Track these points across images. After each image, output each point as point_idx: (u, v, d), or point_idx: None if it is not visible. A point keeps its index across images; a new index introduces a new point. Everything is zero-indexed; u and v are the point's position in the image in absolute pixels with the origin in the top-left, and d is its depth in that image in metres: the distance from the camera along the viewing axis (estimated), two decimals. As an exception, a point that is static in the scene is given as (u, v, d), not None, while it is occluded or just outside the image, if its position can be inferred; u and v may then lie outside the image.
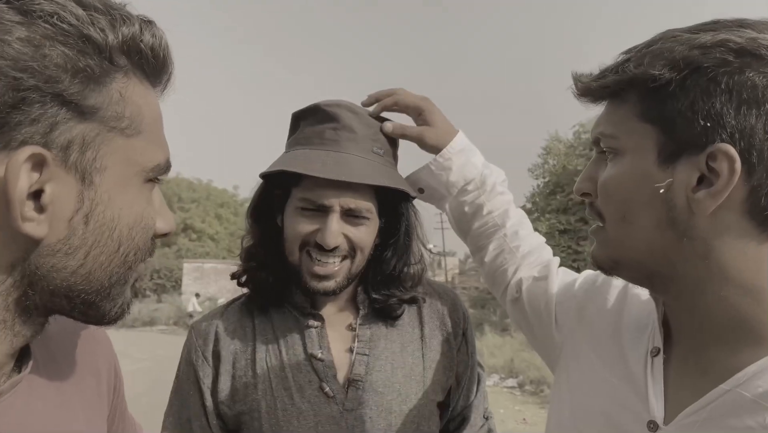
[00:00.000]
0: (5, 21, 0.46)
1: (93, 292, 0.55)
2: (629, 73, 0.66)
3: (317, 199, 1.07)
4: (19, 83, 0.46)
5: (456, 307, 1.26)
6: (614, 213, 0.69)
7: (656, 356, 0.74)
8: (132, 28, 0.52)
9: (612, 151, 0.70)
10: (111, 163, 0.53)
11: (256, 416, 1.09)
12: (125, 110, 0.53)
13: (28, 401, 0.58)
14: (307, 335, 1.14)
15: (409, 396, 1.13)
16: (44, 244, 0.51)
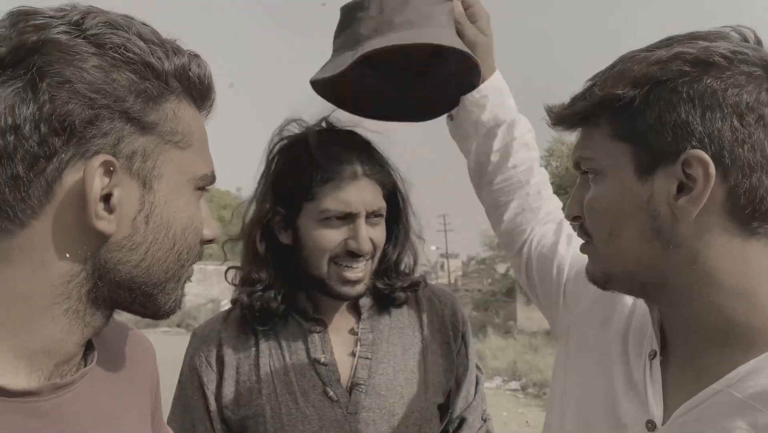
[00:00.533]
0: (82, 52, 0.55)
1: (151, 284, 0.63)
2: (596, 97, 0.69)
3: (344, 208, 1.08)
4: (94, 102, 0.55)
5: (455, 310, 1.27)
6: (601, 229, 0.72)
7: (654, 359, 0.75)
8: (182, 59, 0.62)
9: (593, 172, 0.72)
10: (167, 172, 0.61)
11: (260, 420, 1.10)
12: (178, 126, 0.62)
13: (93, 392, 0.65)
14: (310, 340, 1.15)
15: (411, 399, 1.14)
16: (112, 240, 0.58)
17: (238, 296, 1.16)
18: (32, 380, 0.58)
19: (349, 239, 1.09)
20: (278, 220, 1.14)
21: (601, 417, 0.79)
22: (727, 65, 0.63)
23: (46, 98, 0.53)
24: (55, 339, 0.59)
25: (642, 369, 0.76)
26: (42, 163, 0.54)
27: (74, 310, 0.59)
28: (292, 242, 1.15)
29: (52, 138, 0.54)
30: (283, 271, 1.17)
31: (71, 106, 0.54)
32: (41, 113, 0.53)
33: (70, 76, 0.54)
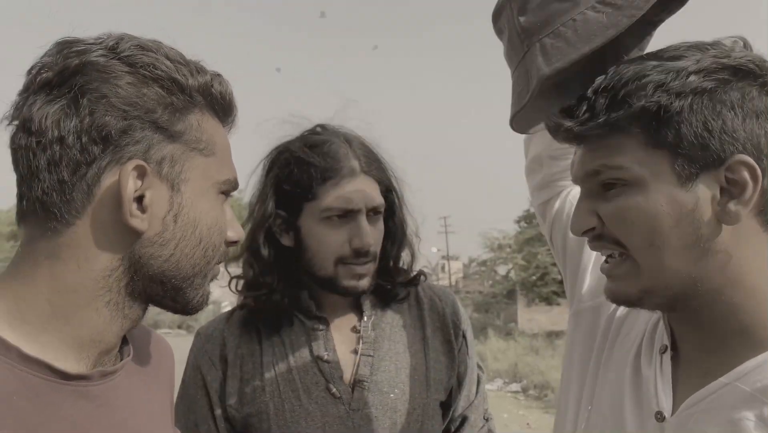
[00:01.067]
0: (117, 71, 0.63)
1: (180, 278, 0.69)
2: (634, 107, 0.67)
3: (346, 205, 1.10)
4: (127, 114, 0.62)
5: (456, 308, 1.29)
6: (641, 241, 0.69)
7: (664, 353, 0.76)
8: (205, 77, 0.69)
9: (621, 181, 0.70)
10: (193, 177, 0.68)
11: (264, 418, 1.12)
12: (202, 136, 0.69)
13: (129, 383, 0.71)
14: (313, 338, 1.17)
15: (413, 395, 1.16)
16: (144, 237, 0.65)
17: (246, 301, 1.18)
18: (80, 366, 0.64)
19: (353, 237, 1.11)
20: (279, 223, 1.16)
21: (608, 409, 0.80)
22: (761, 72, 0.67)
23: (87, 112, 0.61)
24: (99, 329, 0.65)
25: (652, 364, 0.77)
26: (83, 168, 0.62)
27: (115, 302, 0.66)
28: (294, 244, 1.16)
29: (92, 146, 0.61)
30: (286, 273, 1.18)
31: (108, 118, 0.61)
32: (82, 125, 0.61)
33: (107, 92, 0.62)
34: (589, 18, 0.67)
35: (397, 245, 1.24)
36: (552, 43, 0.67)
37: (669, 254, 0.68)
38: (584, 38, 0.67)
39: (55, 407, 0.60)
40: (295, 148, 1.15)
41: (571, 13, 0.68)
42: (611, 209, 0.71)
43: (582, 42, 0.66)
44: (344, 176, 1.10)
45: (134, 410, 0.71)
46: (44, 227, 0.63)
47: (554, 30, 0.68)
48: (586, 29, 0.66)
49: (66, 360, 0.63)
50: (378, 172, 1.16)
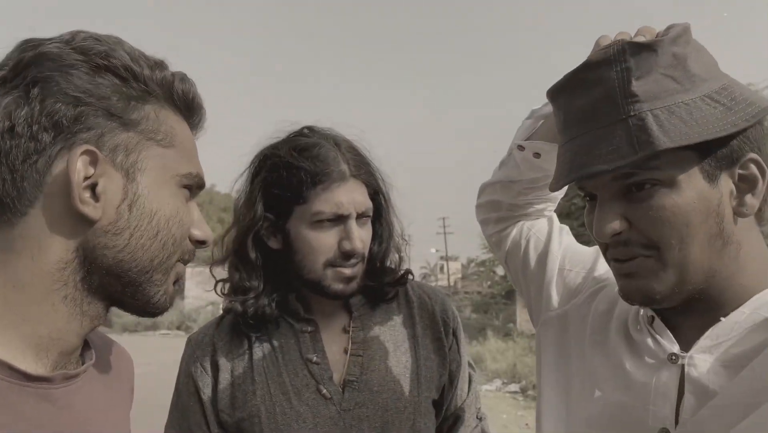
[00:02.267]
0: (71, 59, 0.63)
1: (137, 271, 0.67)
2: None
3: (336, 210, 1.09)
4: (79, 101, 0.62)
5: (445, 306, 1.29)
6: (674, 238, 0.72)
7: (653, 322, 0.81)
8: (164, 71, 0.69)
9: (652, 181, 0.71)
10: (150, 166, 0.67)
11: (256, 421, 1.12)
12: (160, 127, 0.68)
13: (91, 388, 0.70)
14: (302, 340, 1.17)
15: (404, 394, 1.16)
16: (98, 226, 0.64)
17: (232, 305, 1.17)
18: (39, 367, 0.63)
19: (342, 240, 1.11)
20: (267, 226, 1.15)
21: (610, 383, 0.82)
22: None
23: (38, 100, 0.60)
24: (57, 327, 0.64)
25: (643, 330, 0.81)
26: (34, 156, 0.61)
27: (71, 297, 0.65)
28: (282, 247, 1.16)
29: (42, 134, 0.60)
30: (273, 276, 1.18)
31: (59, 105, 0.61)
32: (33, 113, 0.60)
33: (59, 80, 0.61)
34: (702, 108, 0.69)
35: (385, 246, 1.24)
36: (667, 118, 0.68)
37: (695, 249, 0.71)
38: (700, 125, 0.68)
39: (17, 408, 0.59)
40: (283, 151, 1.14)
41: (683, 96, 0.69)
42: (644, 210, 0.72)
43: (698, 128, 0.68)
44: (334, 180, 1.10)
45: (96, 414, 0.70)
46: (0, 219, 0.62)
47: (668, 106, 0.69)
48: (700, 117, 0.68)
49: (24, 360, 0.61)
50: (366, 176, 1.16)
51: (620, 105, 0.71)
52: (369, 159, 1.19)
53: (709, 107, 0.69)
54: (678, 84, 0.70)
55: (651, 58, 0.70)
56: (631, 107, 0.70)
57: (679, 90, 0.70)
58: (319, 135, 1.17)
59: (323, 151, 1.12)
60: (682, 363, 0.74)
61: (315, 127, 1.19)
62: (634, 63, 0.71)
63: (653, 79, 0.70)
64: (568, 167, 0.74)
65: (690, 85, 0.70)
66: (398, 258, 1.27)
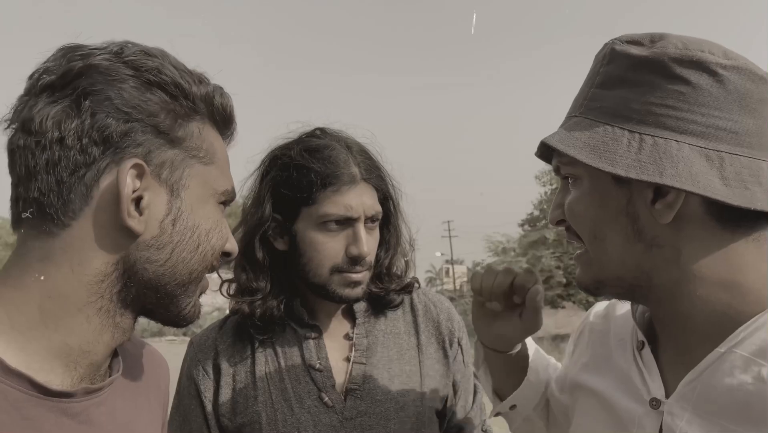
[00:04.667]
0: (121, 74, 0.63)
1: (175, 284, 0.68)
2: None
3: (345, 212, 1.08)
4: (129, 117, 0.62)
5: (451, 316, 1.27)
6: (586, 232, 0.74)
7: (642, 349, 0.78)
8: (208, 87, 0.70)
9: (571, 176, 0.75)
10: (193, 184, 0.68)
11: (257, 427, 1.10)
12: (203, 144, 0.69)
13: (116, 401, 0.70)
14: (305, 346, 1.16)
15: (407, 403, 1.14)
16: (141, 240, 0.64)
17: (239, 307, 1.15)
18: (65, 379, 0.63)
19: (350, 245, 1.10)
20: (274, 226, 1.14)
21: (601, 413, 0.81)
22: None
23: (89, 114, 0.61)
24: (88, 339, 0.64)
25: (632, 361, 0.79)
26: (82, 170, 0.61)
27: (106, 309, 0.65)
28: (288, 249, 1.14)
29: (92, 147, 0.61)
30: (280, 278, 1.17)
31: (109, 120, 0.61)
32: (83, 126, 0.60)
33: (110, 95, 0.62)
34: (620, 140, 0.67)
35: (392, 253, 1.22)
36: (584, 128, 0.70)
37: (612, 246, 0.71)
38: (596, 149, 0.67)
39: (36, 422, 0.59)
40: (294, 152, 1.13)
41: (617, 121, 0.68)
42: (567, 202, 0.76)
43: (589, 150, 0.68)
44: (344, 183, 1.09)
45: (119, 427, 0.69)
46: (39, 229, 0.62)
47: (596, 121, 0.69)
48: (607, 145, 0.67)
49: (52, 371, 0.61)
50: (377, 180, 1.15)
51: (580, 102, 0.73)
52: (380, 163, 1.18)
53: (627, 144, 0.66)
54: (626, 109, 0.68)
55: (619, 71, 0.70)
56: (581, 109, 0.73)
57: (621, 115, 0.68)
58: (331, 137, 1.16)
59: (334, 153, 1.11)
60: (662, 409, 0.71)
61: (327, 129, 1.18)
62: (606, 70, 0.71)
63: (612, 93, 0.70)
64: None
65: (637, 117, 0.67)
66: (405, 265, 1.26)
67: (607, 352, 0.86)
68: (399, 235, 1.24)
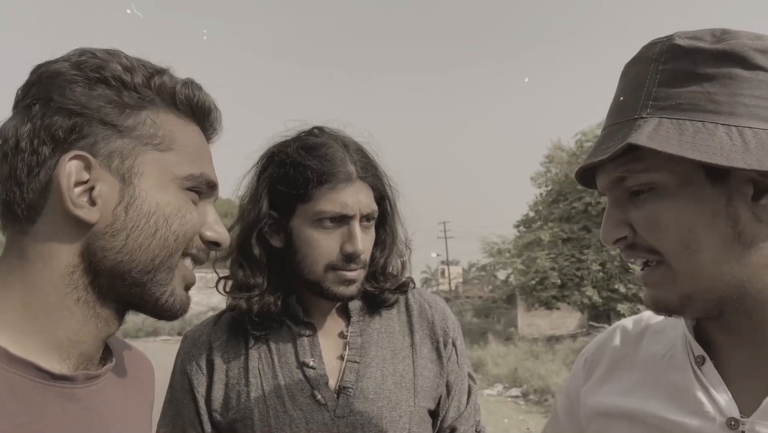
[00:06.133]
0: (68, 75, 0.66)
1: (139, 271, 0.69)
2: None
3: (340, 209, 1.09)
4: (73, 113, 0.65)
5: (445, 316, 1.27)
6: (676, 245, 0.66)
7: (703, 364, 0.73)
8: (162, 78, 0.72)
9: (647, 185, 0.68)
10: (148, 170, 0.69)
11: (249, 423, 1.11)
12: (158, 131, 0.70)
13: (112, 390, 0.74)
14: (299, 344, 1.16)
15: (400, 403, 1.14)
16: (96, 229, 0.67)
17: (237, 303, 1.16)
18: (63, 368, 0.67)
19: (345, 242, 1.10)
20: (271, 223, 1.15)
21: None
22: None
23: (38, 116, 0.65)
24: (74, 329, 0.67)
25: (692, 376, 0.73)
26: (36, 169, 0.65)
27: (84, 300, 0.68)
28: (283, 246, 1.15)
29: (42, 147, 0.65)
30: (276, 275, 1.18)
31: (56, 118, 0.65)
32: (34, 129, 0.65)
33: (55, 96, 0.66)
34: (717, 135, 0.62)
35: (387, 252, 1.23)
36: (669, 128, 0.63)
37: (707, 255, 0.65)
38: (696, 145, 0.62)
39: (42, 406, 0.63)
40: (291, 149, 1.14)
41: (707, 117, 0.63)
42: (642, 216, 0.68)
43: (690, 147, 0.62)
44: (340, 181, 1.10)
45: (116, 415, 0.73)
46: (13, 229, 0.67)
47: (680, 120, 0.64)
48: (704, 140, 0.62)
49: (49, 361, 0.65)
50: (373, 179, 1.16)
51: (640, 104, 0.67)
52: (377, 163, 1.19)
53: (727, 138, 0.62)
54: (713, 103, 0.63)
55: (691, 66, 0.65)
56: (646, 110, 0.66)
57: (707, 110, 0.63)
58: (328, 135, 1.17)
59: (331, 151, 1.12)
60: (743, 430, 0.66)
61: (325, 128, 1.19)
62: (672, 67, 0.66)
63: (687, 90, 0.65)
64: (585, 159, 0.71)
65: (727, 110, 0.63)
66: (400, 265, 1.26)
67: (652, 373, 0.79)
68: (395, 235, 1.24)
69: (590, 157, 0.69)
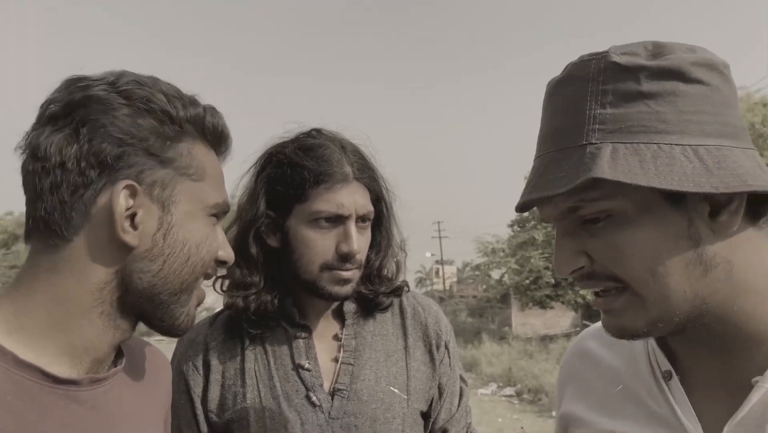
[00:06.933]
0: (115, 103, 0.70)
1: (168, 293, 0.74)
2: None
3: (336, 210, 1.10)
4: (122, 141, 0.69)
5: (438, 319, 1.28)
6: (642, 272, 0.64)
7: (670, 380, 0.72)
8: (197, 109, 0.76)
9: (605, 213, 0.64)
10: (183, 199, 0.74)
11: (244, 424, 1.12)
12: (192, 162, 0.75)
13: (121, 392, 0.77)
14: (295, 346, 1.17)
15: (393, 405, 1.16)
16: (136, 252, 0.71)
17: (234, 301, 1.17)
18: (72, 372, 0.70)
19: (340, 242, 1.11)
20: (268, 223, 1.16)
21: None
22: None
23: (86, 140, 0.68)
24: (91, 338, 0.71)
25: (657, 393, 0.73)
26: (81, 190, 0.68)
27: (107, 313, 0.72)
28: (280, 245, 1.16)
29: (89, 170, 0.68)
30: (273, 275, 1.19)
31: (104, 145, 0.68)
32: (82, 151, 0.67)
33: (105, 122, 0.69)
34: (675, 157, 0.60)
35: (383, 254, 1.24)
36: (626, 155, 0.60)
37: (674, 280, 0.63)
38: (660, 172, 0.59)
39: (48, 408, 0.66)
40: (288, 150, 1.15)
41: (659, 138, 0.60)
42: (602, 245, 0.65)
43: (655, 174, 0.59)
44: (336, 181, 1.11)
45: (125, 416, 0.75)
46: (46, 243, 0.69)
47: (635, 144, 0.60)
48: (666, 164, 0.59)
49: (60, 365, 0.69)
50: (370, 181, 1.17)
51: (584, 129, 0.62)
52: (374, 165, 1.21)
53: (685, 159, 0.59)
54: (663, 123, 0.61)
55: (634, 85, 0.62)
56: (594, 134, 0.62)
57: (659, 130, 0.61)
58: (326, 137, 1.18)
59: (328, 152, 1.13)
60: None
61: (323, 130, 1.21)
62: (613, 87, 0.62)
63: (634, 110, 0.61)
64: (525, 190, 0.67)
65: (678, 129, 0.60)
66: (395, 268, 1.28)
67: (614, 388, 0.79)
68: (390, 237, 1.25)
69: (538, 191, 0.64)
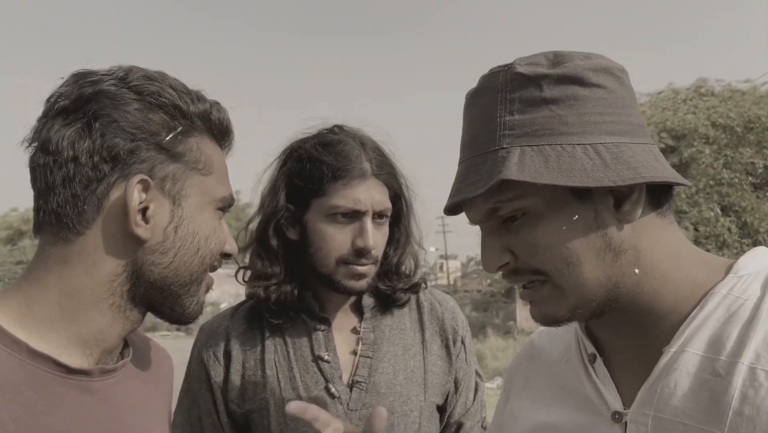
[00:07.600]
0: (126, 98, 0.71)
1: (178, 285, 0.76)
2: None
3: (353, 205, 1.12)
4: (134, 136, 0.70)
5: (455, 314, 1.30)
6: (558, 264, 0.69)
7: (595, 362, 0.78)
8: (205, 104, 0.77)
9: (520, 211, 0.70)
10: (192, 193, 0.75)
11: (264, 414, 1.14)
12: (201, 157, 0.76)
13: (128, 383, 0.78)
14: (315, 338, 1.19)
15: (410, 398, 1.18)
16: (147, 245, 0.72)
17: (255, 291, 1.19)
18: (84, 362, 0.71)
19: (356, 237, 1.13)
20: (287, 216, 1.18)
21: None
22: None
23: (99, 134, 0.68)
24: (101, 329, 0.72)
25: (584, 376, 0.78)
26: (94, 184, 0.69)
27: (117, 305, 0.73)
28: (299, 238, 1.18)
29: (102, 165, 0.69)
30: (292, 267, 1.21)
31: (117, 140, 0.69)
32: (94, 146, 0.68)
33: (117, 117, 0.69)
34: (576, 156, 0.66)
35: (400, 251, 1.25)
36: (532, 157, 0.66)
37: (587, 267, 0.69)
38: (563, 170, 0.65)
39: (60, 398, 0.67)
40: (309, 145, 1.18)
41: (562, 139, 0.67)
42: (521, 241, 0.71)
43: (558, 173, 0.65)
44: (354, 177, 1.13)
45: (133, 407, 0.77)
46: (57, 236, 0.69)
47: (540, 146, 0.67)
48: (566, 163, 0.65)
49: (71, 356, 0.69)
50: (388, 178, 1.19)
51: (496, 135, 0.69)
52: (393, 162, 1.22)
53: (586, 157, 0.66)
54: (565, 125, 0.67)
55: (537, 92, 0.68)
56: (505, 140, 0.68)
57: (562, 132, 0.67)
58: (347, 133, 1.21)
59: (347, 148, 1.16)
60: (625, 421, 0.70)
61: (344, 126, 1.23)
62: (519, 95, 0.69)
63: (539, 115, 0.68)
64: (450, 194, 0.73)
65: (578, 129, 0.67)
66: (413, 265, 1.29)
67: (555, 378, 0.84)
68: (409, 234, 1.27)
69: (460, 194, 0.70)
